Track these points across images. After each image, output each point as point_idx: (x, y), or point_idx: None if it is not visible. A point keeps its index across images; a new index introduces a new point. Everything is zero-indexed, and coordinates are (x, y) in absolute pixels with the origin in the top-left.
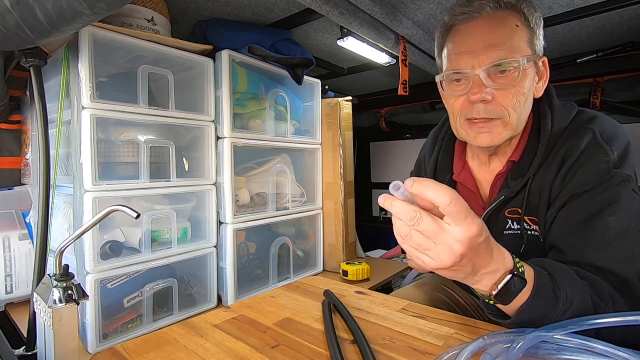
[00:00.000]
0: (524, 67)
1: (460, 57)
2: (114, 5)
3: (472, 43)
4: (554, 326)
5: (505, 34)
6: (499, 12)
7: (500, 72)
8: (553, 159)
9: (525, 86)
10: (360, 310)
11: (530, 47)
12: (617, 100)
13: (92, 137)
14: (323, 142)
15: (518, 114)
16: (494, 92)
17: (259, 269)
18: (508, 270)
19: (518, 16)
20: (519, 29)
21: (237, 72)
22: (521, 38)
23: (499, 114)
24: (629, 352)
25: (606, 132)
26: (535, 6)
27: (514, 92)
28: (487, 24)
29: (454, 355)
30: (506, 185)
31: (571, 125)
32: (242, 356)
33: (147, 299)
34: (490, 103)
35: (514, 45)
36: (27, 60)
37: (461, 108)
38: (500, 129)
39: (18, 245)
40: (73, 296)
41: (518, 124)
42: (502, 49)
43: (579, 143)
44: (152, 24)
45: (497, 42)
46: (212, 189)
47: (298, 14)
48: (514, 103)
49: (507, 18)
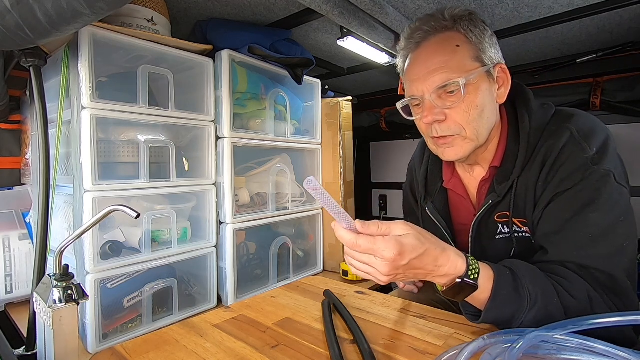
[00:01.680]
0: (467, 84)
1: (413, 84)
2: (114, 5)
3: (419, 70)
4: (554, 326)
5: (445, 56)
6: (440, 35)
7: (449, 92)
8: (535, 159)
9: (477, 99)
10: (360, 310)
11: (477, 62)
12: (617, 100)
13: (92, 137)
14: (323, 142)
15: (474, 126)
16: (446, 112)
17: (259, 269)
18: (457, 275)
19: (458, 36)
20: (459, 49)
21: (237, 72)
22: (463, 57)
23: (454, 130)
24: (629, 352)
25: (583, 129)
26: (477, 21)
27: (465, 108)
28: (430, 50)
29: (454, 355)
30: (492, 190)
31: (550, 125)
32: (242, 356)
33: (147, 299)
34: (444, 122)
35: (455, 66)
36: (27, 60)
37: (425, 129)
38: (461, 142)
39: (18, 245)
40: (73, 296)
41: (478, 135)
42: (443, 72)
43: (557, 142)
44: (152, 24)
45: (439, 66)
46: (212, 189)
47: (298, 14)
48: (468, 118)
49: (447, 41)
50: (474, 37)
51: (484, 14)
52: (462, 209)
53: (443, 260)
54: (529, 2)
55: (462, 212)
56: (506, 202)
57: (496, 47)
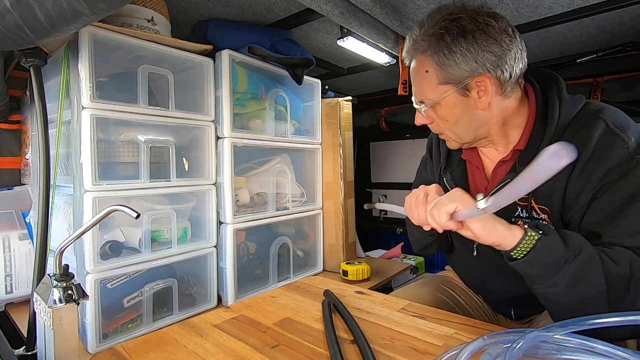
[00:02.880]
0: (435, 105)
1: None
2: (114, 5)
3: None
4: (553, 326)
5: (417, 80)
6: (417, 57)
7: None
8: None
9: (449, 114)
10: (360, 310)
11: (446, 84)
12: (617, 100)
13: (92, 137)
14: (323, 142)
15: (454, 132)
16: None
17: (259, 269)
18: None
19: (426, 62)
20: (427, 75)
21: (237, 72)
22: (429, 83)
23: (440, 131)
24: (629, 352)
25: (617, 120)
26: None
27: (443, 117)
28: (412, 72)
29: (454, 355)
30: (514, 170)
31: (579, 115)
32: (242, 356)
33: (147, 299)
34: (432, 124)
35: (425, 89)
36: (27, 60)
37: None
38: (450, 140)
39: (18, 245)
40: (73, 296)
41: (460, 138)
42: (419, 93)
43: (592, 134)
44: (152, 24)
45: (416, 87)
46: (212, 189)
47: (298, 14)
48: (446, 125)
49: (420, 66)
50: (441, 57)
51: None
52: (477, 178)
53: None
54: (529, 2)
55: (478, 185)
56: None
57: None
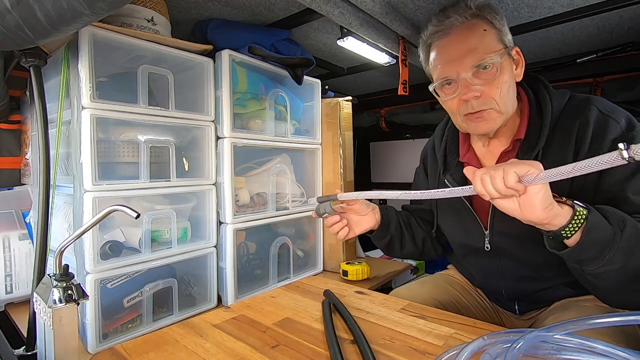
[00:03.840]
0: (499, 62)
1: (446, 66)
2: (114, 5)
3: (453, 53)
4: (554, 326)
5: (477, 39)
6: (467, 23)
7: (482, 68)
8: (561, 135)
9: (505, 76)
10: (360, 310)
11: (501, 44)
12: (617, 100)
13: (92, 137)
14: (323, 142)
15: (505, 101)
16: (481, 88)
17: (259, 269)
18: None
19: (483, 23)
20: (487, 33)
21: (237, 72)
22: (491, 39)
23: (489, 105)
24: (629, 352)
25: (606, 106)
26: (496, 9)
27: (497, 84)
28: (460, 35)
29: (454, 355)
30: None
31: (570, 103)
32: (242, 356)
33: (147, 299)
34: (480, 98)
35: (486, 47)
36: (27, 60)
37: (458, 107)
38: (494, 115)
39: (18, 245)
40: (73, 296)
41: (507, 109)
42: (477, 52)
43: (588, 118)
44: (152, 24)
45: (472, 47)
46: (212, 189)
47: (298, 14)
48: (500, 93)
49: (475, 26)
50: (497, 22)
51: None
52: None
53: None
54: (529, 2)
55: None
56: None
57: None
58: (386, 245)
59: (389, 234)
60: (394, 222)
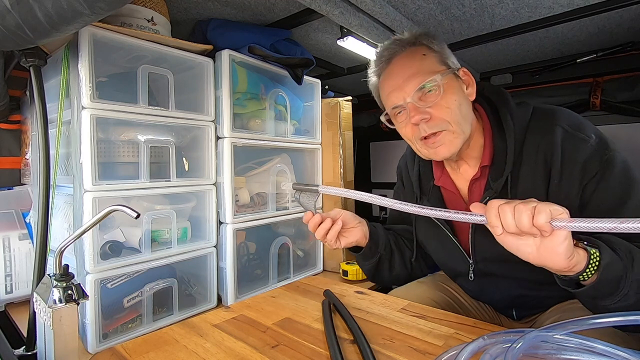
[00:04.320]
0: (442, 82)
1: (391, 95)
2: (114, 5)
3: (395, 81)
4: (553, 326)
5: (416, 64)
6: (406, 51)
7: (427, 91)
8: (528, 158)
9: (453, 96)
10: (360, 310)
11: (442, 65)
12: (617, 100)
13: (92, 137)
14: (323, 142)
15: (457, 120)
16: (430, 110)
17: (259, 269)
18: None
19: (422, 48)
20: (426, 57)
21: (237, 72)
22: (431, 62)
23: (441, 126)
24: (629, 352)
25: (572, 122)
26: (433, 35)
27: (445, 104)
28: (401, 63)
29: (454, 355)
30: (489, 187)
31: (533, 120)
32: (242, 356)
33: (147, 299)
34: (430, 120)
35: (427, 69)
36: (27, 60)
37: (412, 133)
38: (450, 137)
39: (18, 245)
40: (73, 296)
41: (462, 129)
42: (418, 76)
43: (554, 140)
44: (152, 24)
45: (413, 72)
46: (212, 189)
47: (298, 14)
48: (450, 113)
49: (414, 53)
50: (435, 46)
51: (484, 14)
52: (455, 203)
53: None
54: (529, 2)
55: (455, 206)
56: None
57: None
58: (374, 267)
59: (378, 253)
60: (383, 240)
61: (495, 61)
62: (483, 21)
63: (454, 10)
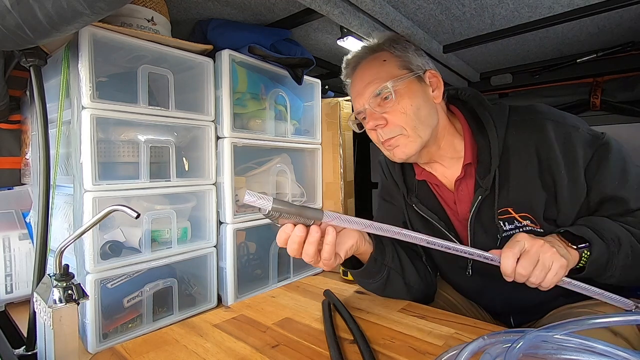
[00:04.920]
0: (397, 87)
1: (355, 101)
2: (114, 5)
3: (357, 87)
4: (553, 326)
5: (374, 70)
6: (369, 58)
7: (384, 99)
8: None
9: (411, 101)
10: (360, 310)
11: (404, 69)
12: (617, 100)
13: (92, 137)
14: (323, 142)
15: (413, 125)
16: (386, 116)
17: (259, 269)
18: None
19: (383, 54)
20: (386, 62)
21: (237, 72)
22: (390, 67)
23: (395, 132)
24: (629, 352)
25: (556, 115)
26: (397, 39)
27: (401, 110)
28: (362, 70)
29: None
30: (478, 186)
31: (513, 116)
32: (242, 356)
33: (147, 299)
34: (386, 126)
35: (384, 76)
36: (27, 60)
37: (375, 137)
38: (404, 141)
39: (18, 245)
40: (73, 296)
41: (419, 133)
42: (375, 83)
43: (548, 136)
44: (152, 24)
45: (372, 79)
46: (212, 189)
47: (298, 14)
48: (405, 118)
49: (374, 59)
50: (397, 51)
51: (484, 14)
52: (447, 196)
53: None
54: (529, 2)
55: (448, 201)
56: (504, 197)
57: (424, 57)
58: (383, 284)
59: (385, 266)
60: (390, 247)
61: (495, 61)
62: (483, 21)
63: (454, 10)
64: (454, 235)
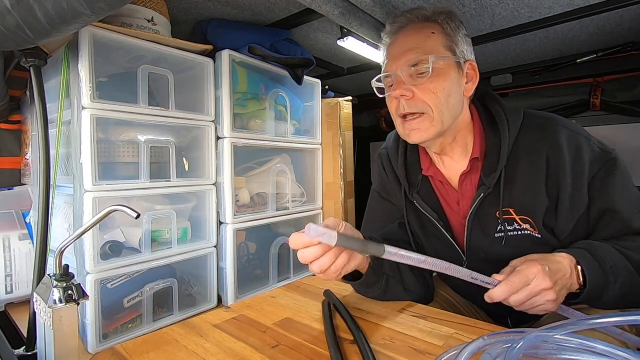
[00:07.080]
0: (435, 65)
1: (388, 62)
2: (114, 5)
3: (395, 49)
4: (553, 326)
5: (419, 39)
6: (418, 24)
7: (419, 73)
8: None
9: (445, 84)
10: (360, 310)
11: (447, 51)
12: (617, 100)
13: (92, 137)
14: (323, 142)
15: (440, 109)
16: (414, 89)
17: (259, 269)
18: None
19: (435, 26)
20: (434, 36)
21: (237, 72)
22: (435, 42)
23: (420, 108)
24: (629, 352)
25: (570, 125)
26: (453, 17)
27: (432, 89)
28: (407, 34)
29: (454, 355)
30: (482, 183)
31: (527, 121)
32: (242, 356)
33: (147, 299)
34: (412, 99)
35: (427, 49)
36: (27, 60)
37: (394, 107)
38: (427, 124)
39: (18, 245)
40: (73, 296)
41: (443, 119)
42: (416, 52)
43: (560, 141)
44: (152, 24)
45: (412, 47)
46: (212, 189)
47: (298, 14)
48: (434, 99)
49: (423, 28)
50: (449, 29)
51: (484, 14)
52: (448, 196)
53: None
54: (529, 2)
55: (450, 199)
56: (507, 197)
57: (469, 46)
58: (383, 292)
59: (384, 275)
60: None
61: (495, 61)
62: (483, 21)
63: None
64: (450, 234)
